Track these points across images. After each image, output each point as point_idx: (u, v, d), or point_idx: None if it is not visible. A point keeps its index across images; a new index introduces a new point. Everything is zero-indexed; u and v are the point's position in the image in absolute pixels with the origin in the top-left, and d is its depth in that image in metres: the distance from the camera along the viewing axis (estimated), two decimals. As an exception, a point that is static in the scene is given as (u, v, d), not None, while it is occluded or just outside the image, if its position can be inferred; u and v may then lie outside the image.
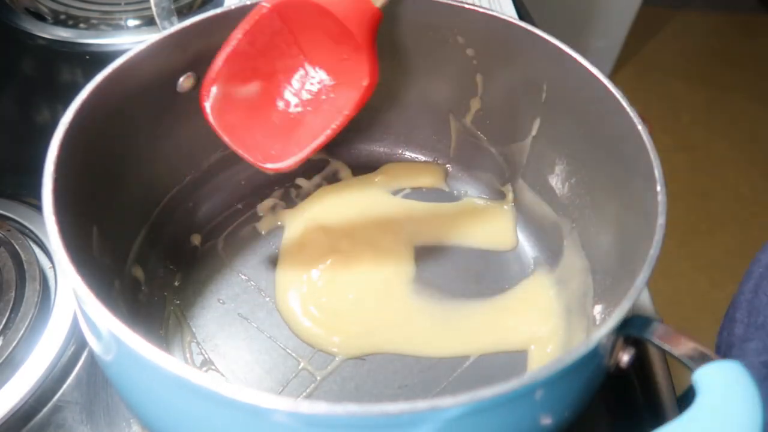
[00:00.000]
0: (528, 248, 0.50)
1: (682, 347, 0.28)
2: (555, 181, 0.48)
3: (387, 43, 0.48)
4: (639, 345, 0.31)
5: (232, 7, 0.41)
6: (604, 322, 0.28)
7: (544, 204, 0.49)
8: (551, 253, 0.48)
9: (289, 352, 0.43)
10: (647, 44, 2.06)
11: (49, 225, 0.30)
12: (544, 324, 0.45)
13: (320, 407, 0.24)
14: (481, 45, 0.46)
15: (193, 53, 0.42)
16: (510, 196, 0.52)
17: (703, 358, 0.27)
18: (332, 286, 0.46)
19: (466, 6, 0.44)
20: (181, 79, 0.43)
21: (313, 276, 0.47)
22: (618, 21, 1.77)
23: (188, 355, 0.43)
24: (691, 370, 0.27)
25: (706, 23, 2.19)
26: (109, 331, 0.27)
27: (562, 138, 0.46)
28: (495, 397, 0.25)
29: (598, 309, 0.42)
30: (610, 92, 0.38)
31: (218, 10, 0.41)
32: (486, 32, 0.45)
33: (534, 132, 0.48)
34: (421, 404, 0.24)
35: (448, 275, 0.48)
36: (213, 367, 0.42)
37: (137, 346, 0.26)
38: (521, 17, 0.63)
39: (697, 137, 1.76)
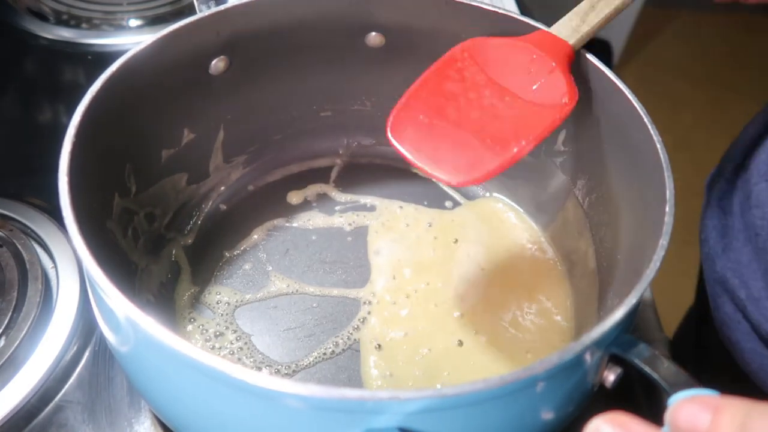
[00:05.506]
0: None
1: (664, 371, 0.28)
2: (577, 196, 0.48)
3: (419, 45, 0.48)
4: (627, 365, 0.31)
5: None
6: (586, 335, 0.28)
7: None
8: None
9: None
10: (649, 44, 2.05)
11: (68, 219, 0.31)
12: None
13: (296, 387, 0.25)
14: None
15: (227, 37, 0.43)
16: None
17: (681, 384, 0.27)
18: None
19: (500, 11, 0.44)
20: (214, 62, 0.44)
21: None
22: (620, 21, 1.77)
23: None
24: (668, 394, 0.27)
25: (707, 23, 2.19)
26: (129, 318, 0.27)
27: (584, 152, 0.46)
28: (459, 396, 0.25)
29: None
30: (634, 107, 0.38)
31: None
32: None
33: (559, 144, 0.48)
34: (382, 393, 0.25)
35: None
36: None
37: (158, 333, 0.26)
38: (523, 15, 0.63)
39: (698, 137, 1.75)
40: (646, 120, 0.38)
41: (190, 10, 0.74)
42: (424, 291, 0.47)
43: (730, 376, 0.49)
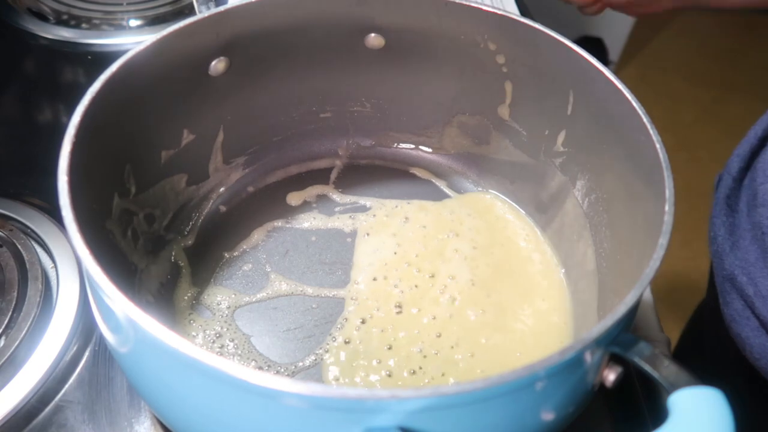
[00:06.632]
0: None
1: (664, 370, 0.28)
2: (577, 196, 0.48)
3: (419, 47, 0.49)
4: (627, 364, 0.31)
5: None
6: (586, 334, 0.28)
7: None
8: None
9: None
10: (650, 44, 2.05)
11: (68, 219, 0.31)
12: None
13: (295, 386, 0.25)
14: (512, 53, 0.47)
15: (227, 38, 0.44)
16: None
17: (682, 383, 0.27)
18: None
19: (500, 13, 0.44)
20: (214, 63, 0.44)
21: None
22: (620, 20, 1.77)
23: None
24: (668, 393, 0.27)
25: (708, 23, 2.19)
26: (129, 319, 0.27)
27: (584, 152, 0.46)
28: (459, 395, 0.25)
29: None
30: (633, 107, 0.38)
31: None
32: (518, 40, 0.45)
33: (559, 145, 0.48)
34: (382, 392, 0.25)
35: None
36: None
37: (158, 333, 0.26)
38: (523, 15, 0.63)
39: (698, 136, 1.75)
40: (645, 120, 0.38)
41: (190, 10, 0.75)
42: (414, 290, 0.47)
43: (742, 372, 0.49)
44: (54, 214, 0.50)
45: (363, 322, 0.45)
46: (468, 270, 0.48)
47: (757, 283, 0.45)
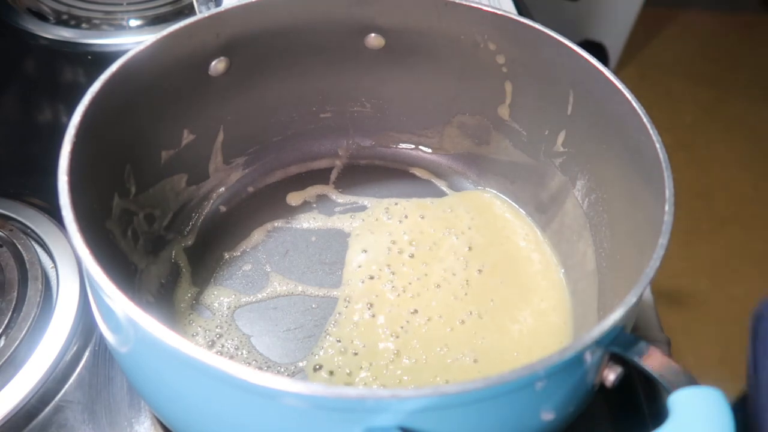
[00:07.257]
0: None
1: (664, 370, 0.28)
2: (577, 196, 0.48)
3: (419, 47, 0.49)
4: (627, 364, 0.31)
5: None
6: (586, 334, 0.28)
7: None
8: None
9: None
10: (649, 44, 2.05)
11: (68, 219, 0.31)
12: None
13: (296, 386, 0.25)
14: (512, 53, 0.47)
15: (227, 38, 0.44)
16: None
17: (682, 382, 0.27)
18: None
19: (499, 12, 0.44)
20: (214, 63, 0.44)
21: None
22: (620, 21, 1.78)
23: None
24: (667, 393, 0.27)
25: (707, 23, 2.19)
26: (129, 319, 0.27)
27: (584, 153, 0.46)
28: (459, 395, 0.25)
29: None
30: (633, 107, 0.38)
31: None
32: (518, 40, 0.45)
33: (559, 145, 0.48)
34: (382, 392, 0.25)
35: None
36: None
37: (158, 333, 0.26)
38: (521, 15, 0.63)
39: (698, 137, 1.75)
40: (645, 120, 0.38)
41: (190, 10, 0.75)
42: (411, 289, 0.47)
43: None
44: (54, 214, 0.50)
45: (357, 322, 0.45)
46: (466, 269, 0.48)
47: None
